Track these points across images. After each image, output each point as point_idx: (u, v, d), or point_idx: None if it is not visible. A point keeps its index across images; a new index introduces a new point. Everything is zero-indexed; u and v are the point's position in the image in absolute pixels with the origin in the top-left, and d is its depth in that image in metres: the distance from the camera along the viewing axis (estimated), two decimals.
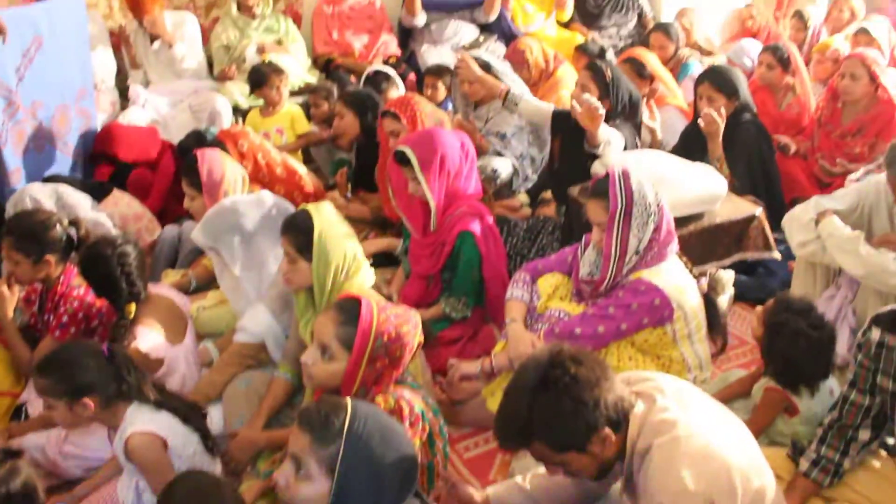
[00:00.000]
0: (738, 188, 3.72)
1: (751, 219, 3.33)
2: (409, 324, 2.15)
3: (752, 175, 3.93)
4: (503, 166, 4.34)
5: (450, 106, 4.96)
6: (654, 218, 2.62)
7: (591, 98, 3.38)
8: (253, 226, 2.89)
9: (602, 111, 3.39)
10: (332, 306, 2.18)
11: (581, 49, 5.58)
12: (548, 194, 4.30)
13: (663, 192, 2.72)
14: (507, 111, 4.28)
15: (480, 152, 4.37)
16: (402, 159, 3.17)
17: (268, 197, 3.00)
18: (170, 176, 4.36)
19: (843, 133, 4.42)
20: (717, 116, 3.76)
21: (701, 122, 3.80)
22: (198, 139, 4.14)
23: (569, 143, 3.71)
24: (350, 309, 2.12)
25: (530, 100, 4.09)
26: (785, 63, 4.68)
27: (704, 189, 3.26)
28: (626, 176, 2.64)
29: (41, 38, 4.03)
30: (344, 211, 3.86)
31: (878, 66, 4.34)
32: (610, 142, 3.52)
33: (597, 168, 3.42)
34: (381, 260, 3.67)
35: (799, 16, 6.08)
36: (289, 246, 2.56)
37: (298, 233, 2.54)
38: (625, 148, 3.61)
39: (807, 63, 5.11)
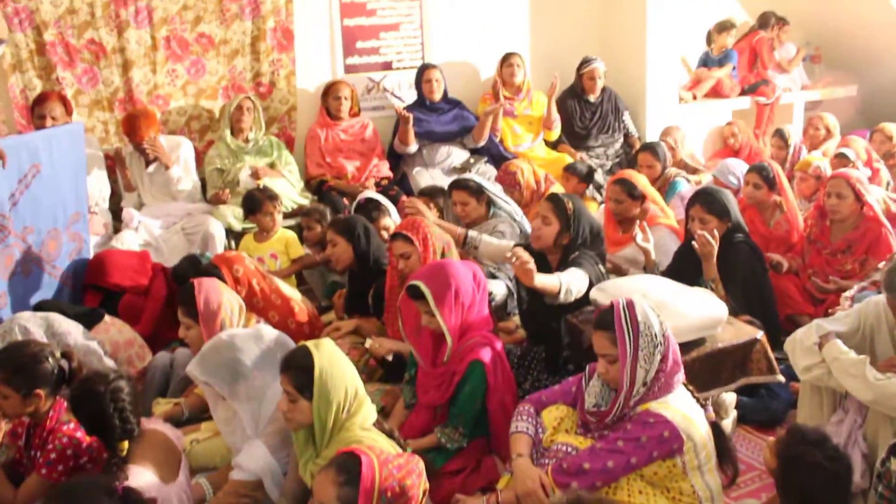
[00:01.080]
0: (733, 308, 3.71)
1: (753, 342, 3.31)
2: (413, 474, 2.07)
3: (747, 294, 3.92)
4: (497, 288, 4.32)
5: None
6: (661, 349, 2.60)
7: (521, 252, 3.21)
8: (251, 362, 2.82)
9: (532, 265, 3.19)
10: (332, 465, 2.11)
11: (570, 169, 5.68)
12: None
13: (665, 319, 2.70)
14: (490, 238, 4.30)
15: None
16: (415, 294, 3.15)
17: (266, 331, 2.96)
18: (161, 301, 4.31)
19: (834, 250, 4.47)
20: (710, 238, 3.78)
21: (695, 244, 3.82)
22: (192, 265, 4.12)
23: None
24: (350, 468, 2.06)
25: (489, 241, 4.10)
26: (771, 182, 4.76)
27: (706, 314, 3.24)
28: (630, 307, 2.63)
29: (39, 164, 4.06)
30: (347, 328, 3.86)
31: (862, 185, 4.43)
32: (570, 288, 3.38)
33: (595, 295, 3.39)
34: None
35: (780, 134, 6.24)
36: (289, 385, 2.50)
37: (298, 371, 2.49)
38: (590, 281, 3.53)
39: (789, 179, 5.20)
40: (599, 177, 6.06)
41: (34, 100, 4.97)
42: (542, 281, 3.29)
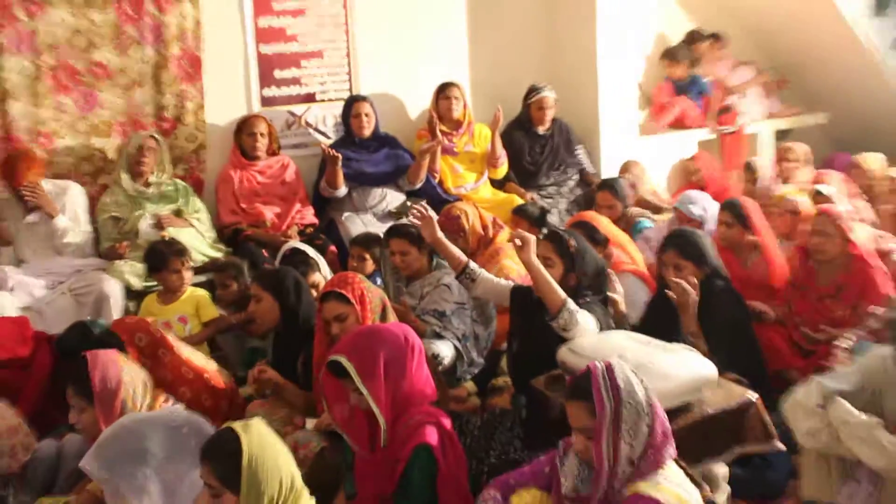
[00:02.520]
0: (717, 364, 3.67)
1: (747, 406, 3.25)
2: None
3: (732, 349, 3.88)
4: (445, 350, 4.23)
5: (378, 280, 4.87)
6: (648, 419, 2.51)
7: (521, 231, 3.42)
8: (161, 451, 2.65)
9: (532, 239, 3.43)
10: None
11: (520, 212, 5.64)
12: (499, 381, 4.17)
13: (648, 383, 2.62)
14: (443, 287, 4.21)
15: (418, 335, 4.26)
16: (337, 371, 3.01)
17: (178, 412, 2.79)
18: (45, 376, 4.10)
19: (821, 295, 4.48)
20: (688, 287, 3.74)
21: (670, 293, 3.77)
22: (82, 334, 3.92)
23: (530, 323, 3.63)
24: None
25: (489, 276, 4.02)
26: (744, 220, 4.78)
27: (692, 374, 3.18)
28: (610, 371, 2.55)
29: None
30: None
31: (846, 222, 4.47)
32: (573, 311, 3.45)
33: (564, 356, 3.30)
34: None
35: (748, 167, 6.32)
36: (210, 476, 2.34)
37: (223, 459, 2.34)
38: (599, 327, 3.55)
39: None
40: (554, 218, 6.03)
41: None
42: (550, 283, 3.46)
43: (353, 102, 5.99)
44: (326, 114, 6.21)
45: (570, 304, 3.47)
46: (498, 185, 6.43)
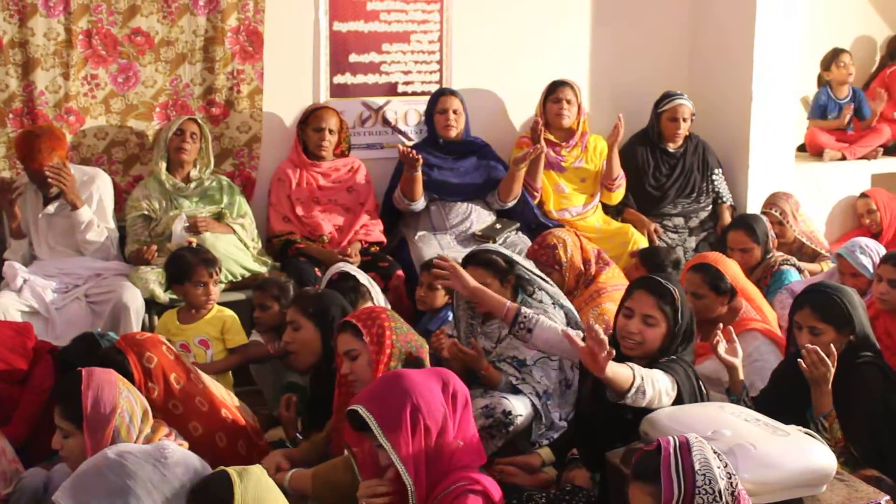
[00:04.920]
0: (853, 456, 3.60)
1: None
2: None
3: (875, 439, 3.82)
4: (519, 407, 4.26)
5: (450, 316, 4.92)
6: None
7: (600, 331, 3.32)
8: (146, 493, 2.73)
9: (607, 352, 3.32)
10: None
11: (645, 257, 5.63)
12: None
13: (743, 468, 2.64)
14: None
15: (489, 386, 4.31)
16: (357, 423, 3.09)
17: (172, 450, 2.88)
18: (45, 394, 4.23)
19: None
20: (824, 356, 3.69)
21: (802, 363, 3.73)
22: (87, 348, 4.06)
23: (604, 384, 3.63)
24: None
25: (549, 324, 3.99)
26: None
27: (804, 465, 3.13)
28: (684, 450, 2.56)
29: None
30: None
31: None
32: (644, 388, 3.42)
33: (647, 426, 3.31)
34: None
35: None
36: None
37: None
38: (679, 395, 3.53)
39: None
40: (679, 255, 6.00)
41: None
42: (614, 370, 3.37)
43: (440, 96, 6.08)
44: (409, 110, 6.33)
45: (638, 377, 3.43)
46: (612, 211, 6.45)
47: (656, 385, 3.45)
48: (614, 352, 3.38)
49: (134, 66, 5.69)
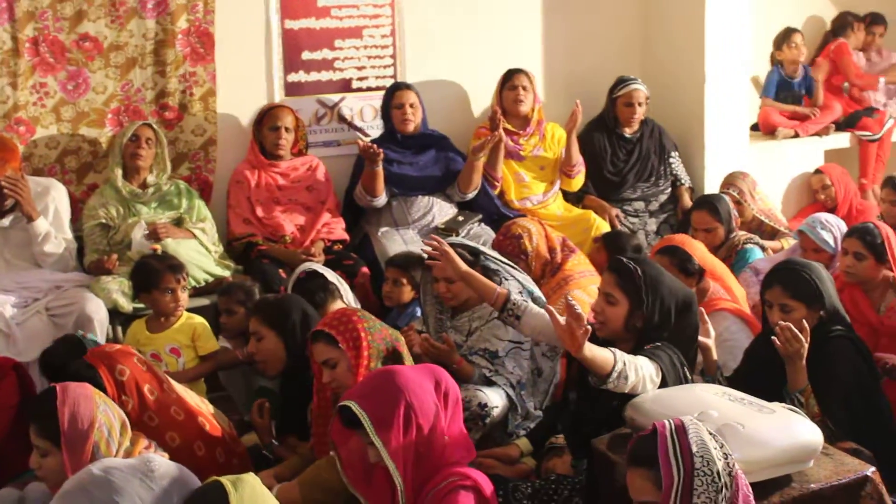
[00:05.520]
0: (832, 431, 3.64)
1: (862, 482, 3.22)
2: None
3: (851, 411, 3.87)
4: (495, 399, 4.28)
5: (418, 311, 4.92)
6: (727, 493, 2.54)
7: (577, 307, 3.32)
8: None
9: (585, 329, 3.32)
10: None
11: (608, 242, 5.66)
12: (560, 439, 4.19)
13: (733, 448, 2.64)
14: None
15: (462, 379, 4.31)
16: (349, 420, 3.07)
17: (159, 463, 2.85)
18: (10, 411, 4.15)
19: None
20: (798, 332, 3.72)
21: (775, 340, 3.76)
22: (72, 349, 4.04)
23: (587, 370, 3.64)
24: None
25: (537, 311, 4.05)
26: (880, 252, 4.75)
27: (792, 441, 3.15)
28: (681, 432, 2.58)
29: None
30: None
31: None
32: (626, 372, 3.41)
33: (633, 412, 3.33)
34: None
35: (893, 184, 6.25)
36: None
37: None
38: (663, 380, 3.52)
39: None
40: (640, 240, 6.04)
41: None
42: (593, 352, 3.35)
43: (395, 91, 6.08)
44: (365, 106, 6.32)
45: (619, 361, 3.41)
46: (573, 198, 6.47)
47: (640, 371, 3.44)
48: (590, 329, 3.38)
49: (83, 73, 5.63)
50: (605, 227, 6.11)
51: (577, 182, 6.41)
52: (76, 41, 5.57)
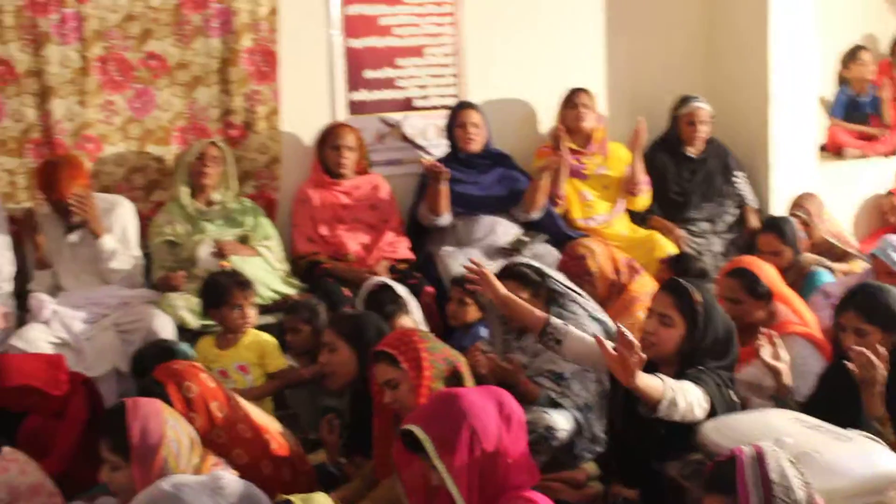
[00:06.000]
0: None
1: None
2: None
3: None
4: (561, 422, 4.24)
5: (482, 331, 4.91)
6: None
7: (629, 335, 3.28)
8: None
9: (638, 356, 3.29)
10: None
11: (673, 265, 5.64)
12: (589, 467, 4.20)
13: (811, 478, 2.60)
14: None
15: (527, 401, 4.28)
16: (411, 444, 3.07)
17: (228, 480, 2.87)
18: (81, 426, 4.23)
19: None
20: (873, 358, 3.66)
21: (851, 365, 3.70)
22: (162, 353, 4.13)
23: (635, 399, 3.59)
24: None
25: (579, 336, 3.99)
26: None
27: (870, 470, 3.10)
28: (761, 460, 2.54)
29: None
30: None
31: None
32: (676, 400, 3.39)
33: (707, 436, 3.29)
34: None
35: None
36: None
37: None
38: (712, 409, 3.49)
39: None
40: (706, 261, 5.99)
41: None
42: (644, 381, 3.31)
43: (458, 110, 6.10)
44: (428, 124, 6.34)
45: (668, 389, 3.38)
46: (638, 218, 6.44)
47: (687, 397, 3.42)
48: (644, 358, 3.35)
49: (150, 91, 5.71)
50: (670, 249, 6.05)
51: (642, 201, 6.37)
52: (143, 59, 5.66)
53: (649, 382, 3.34)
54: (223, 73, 5.81)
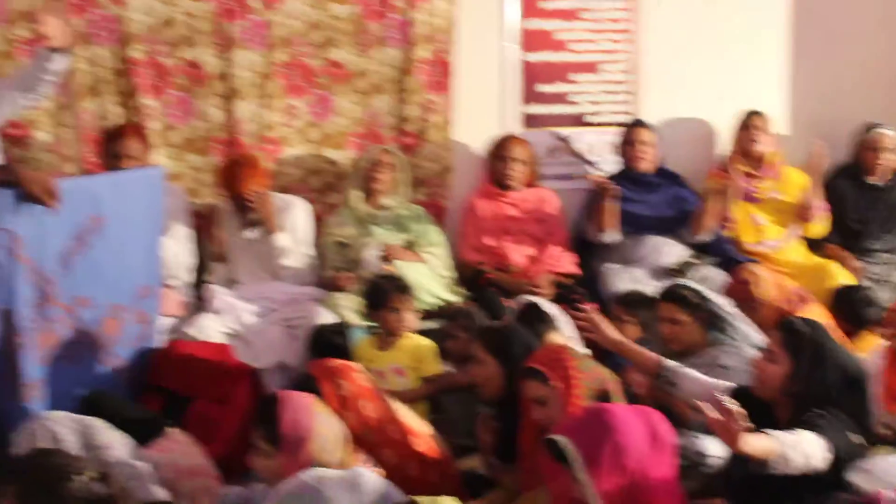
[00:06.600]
0: None
1: None
2: None
3: None
4: (715, 448, 4.10)
5: None
6: None
7: (729, 401, 3.13)
8: None
9: (741, 423, 3.09)
10: None
11: (839, 294, 5.45)
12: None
13: None
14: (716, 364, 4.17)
15: (681, 425, 4.20)
16: (557, 454, 3.05)
17: (367, 478, 2.91)
18: (244, 414, 4.38)
19: None
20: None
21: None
22: (335, 334, 4.49)
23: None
24: None
25: (695, 377, 3.91)
26: None
27: None
28: None
29: (102, 217, 4.27)
30: None
31: None
32: (787, 457, 3.21)
33: (857, 479, 3.17)
34: None
35: None
36: None
37: None
38: (838, 455, 3.29)
39: None
40: (885, 294, 5.79)
41: (108, 132, 5.33)
42: (753, 445, 3.15)
43: (630, 127, 6.04)
44: (599, 141, 6.29)
45: (780, 449, 3.19)
46: (814, 246, 6.24)
47: (804, 449, 3.23)
48: (751, 426, 3.14)
49: (329, 97, 5.85)
50: (844, 279, 5.83)
51: (818, 228, 6.15)
52: (324, 66, 5.80)
53: (758, 444, 3.17)
54: (399, 82, 5.90)
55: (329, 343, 4.72)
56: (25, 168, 4.10)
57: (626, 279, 5.72)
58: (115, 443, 3.75)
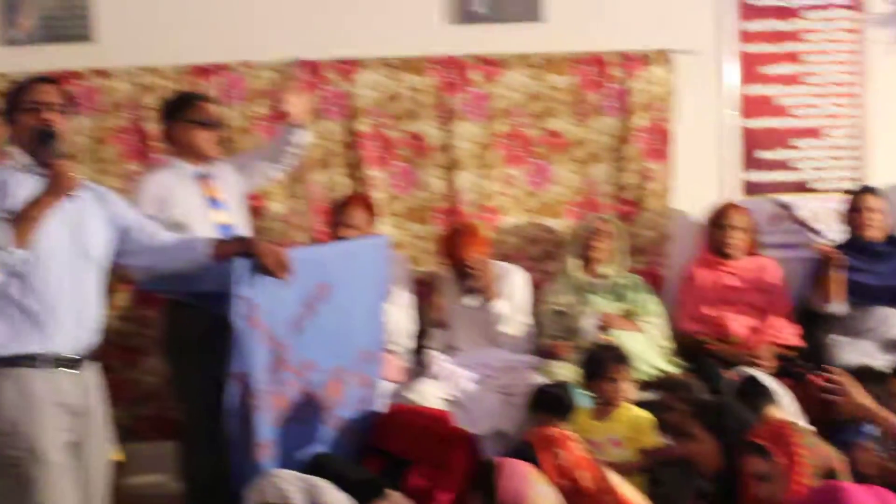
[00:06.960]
0: None
1: None
2: None
3: None
4: None
5: (871, 427, 4.61)
6: None
7: None
8: None
9: None
10: None
11: None
12: None
13: None
14: None
15: None
16: None
17: None
18: (462, 478, 4.42)
19: None
20: None
21: None
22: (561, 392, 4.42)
23: None
24: None
25: None
26: None
27: None
28: None
29: (329, 286, 4.43)
30: None
31: None
32: None
33: None
34: None
35: None
36: None
37: None
38: None
39: None
40: None
41: (336, 203, 5.54)
42: None
43: (858, 194, 5.84)
44: (822, 208, 6.13)
45: None
46: None
47: None
48: None
49: (547, 166, 5.93)
50: None
51: None
52: (543, 136, 5.90)
53: None
54: (617, 150, 5.92)
55: (554, 397, 4.67)
56: (262, 239, 4.26)
57: (854, 352, 5.51)
58: (339, 503, 3.86)
